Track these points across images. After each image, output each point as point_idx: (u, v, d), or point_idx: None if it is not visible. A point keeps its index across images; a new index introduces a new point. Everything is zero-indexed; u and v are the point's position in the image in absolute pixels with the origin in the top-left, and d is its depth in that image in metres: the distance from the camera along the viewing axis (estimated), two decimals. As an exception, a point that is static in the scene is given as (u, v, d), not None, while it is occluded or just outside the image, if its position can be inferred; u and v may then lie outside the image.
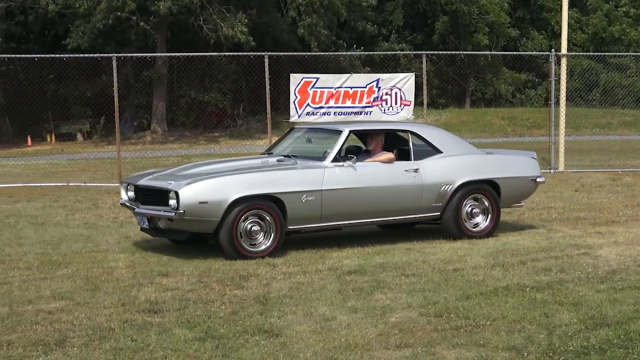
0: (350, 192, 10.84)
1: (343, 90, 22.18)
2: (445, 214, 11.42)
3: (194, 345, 6.79)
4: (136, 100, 42.52)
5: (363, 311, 7.84)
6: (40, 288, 9.15)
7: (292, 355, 6.47)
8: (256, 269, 9.93)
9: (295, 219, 10.62)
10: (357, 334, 7.01)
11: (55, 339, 7.07)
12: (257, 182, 10.56)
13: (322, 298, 8.39)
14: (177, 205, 10.09)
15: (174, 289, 8.96)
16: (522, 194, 12.37)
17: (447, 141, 11.98)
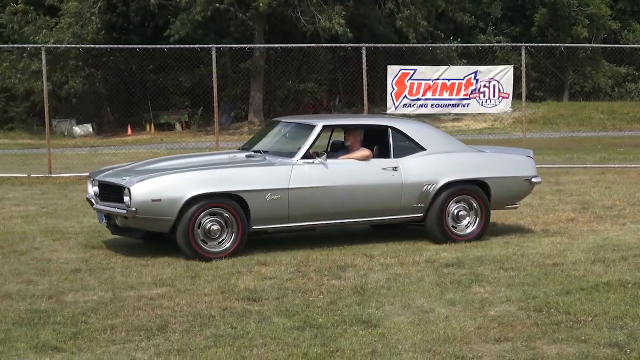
0: (320, 190, 10.33)
1: (440, 82, 22.01)
2: (428, 216, 10.76)
3: (293, 333, 6.82)
4: (234, 91, 42.81)
5: (461, 304, 7.80)
6: (142, 274, 9.33)
7: (390, 346, 6.46)
8: (353, 259, 9.95)
9: (260, 218, 10.14)
10: (456, 327, 6.97)
11: (157, 324, 7.20)
12: (217, 179, 10.12)
13: (419, 290, 8.35)
14: (130, 202, 9.71)
15: (272, 278, 9.04)
16: (516, 195, 11.60)
17: (432, 138, 11.32)
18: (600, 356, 6.15)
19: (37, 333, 6.92)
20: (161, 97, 42.97)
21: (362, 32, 39.45)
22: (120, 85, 40.47)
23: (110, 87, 42.45)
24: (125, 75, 41.86)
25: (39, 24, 40.11)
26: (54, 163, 20.93)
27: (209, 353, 6.36)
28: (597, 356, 6.15)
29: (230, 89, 42.21)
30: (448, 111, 24.57)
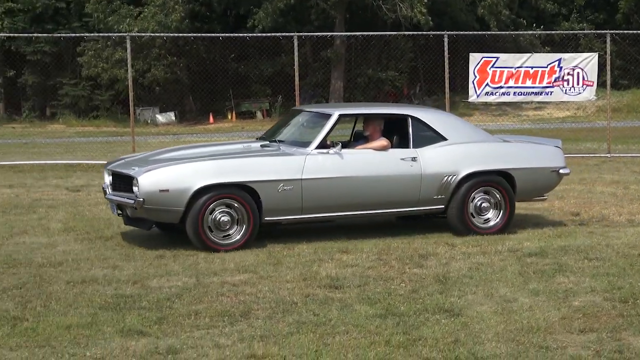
0: (334, 181, 10.13)
1: (523, 70, 21.77)
2: (450, 208, 10.55)
3: (375, 321, 6.84)
4: (314, 79, 42.93)
5: (545, 294, 7.73)
6: (224, 261, 9.41)
7: (473, 335, 6.44)
8: (435, 248, 9.94)
9: (272, 210, 9.94)
10: (539, 317, 6.91)
11: (240, 310, 7.29)
12: (227, 169, 9.97)
13: (502, 279, 8.31)
14: (138, 192, 9.63)
15: (354, 266, 9.06)
16: (543, 187, 11.20)
17: (455, 127, 10.97)
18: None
19: (122, 317, 7.05)
20: (242, 85, 43.25)
21: (443, 20, 39.26)
22: (203, 74, 40.87)
23: (192, 75, 42.86)
24: (207, 64, 42.23)
25: (123, 13, 40.65)
26: (137, 150, 21.20)
27: (291, 339, 6.41)
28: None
29: (311, 77, 42.34)
30: (531, 99, 24.30)
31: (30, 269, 9.15)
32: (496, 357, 5.93)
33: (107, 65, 39.43)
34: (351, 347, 6.20)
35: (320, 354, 6.05)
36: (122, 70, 36.08)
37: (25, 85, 43.75)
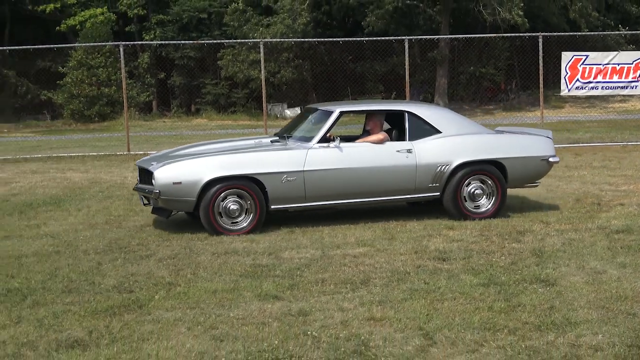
0: (334, 172, 9.89)
1: (610, 67, 21.42)
2: (445, 195, 10.22)
3: (479, 289, 6.85)
4: (421, 77, 42.93)
5: (631, 267, 7.59)
6: (346, 235, 9.52)
7: (567, 302, 6.39)
8: (531, 225, 9.84)
9: (278, 199, 9.80)
10: (627, 287, 6.81)
11: (360, 278, 7.38)
12: (234, 163, 9.81)
13: (592, 253, 8.19)
14: (154, 185, 9.66)
15: (459, 241, 9.05)
16: (534, 174, 10.78)
17: (449, 121, 10.64)
18: None
19: (260, 284, 7.21)
20: (358, 83, 43.50)
21: (536, 23, 38.73)
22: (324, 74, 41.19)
23: (315, 75, 43.24)
24: (328, 65, 42.54)
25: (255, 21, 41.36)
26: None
27: (405, 305, 6.46)
28: None
29: (419, 75, 42.34)
30: (617, 93, 23.79)
31: (181, 242, 9.42)
32: (588, 322, 5.87)
33: (243, 67, 40.06)
34: (458, 312, 6.22)
35: (430, 317, 6.07)
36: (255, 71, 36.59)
37: (173, 86, 44.79)
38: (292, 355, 5.33)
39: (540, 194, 12.35)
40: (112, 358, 5.35)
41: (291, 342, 5.60)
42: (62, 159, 20.47)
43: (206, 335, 5.80)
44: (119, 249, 9.02)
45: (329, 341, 5.61)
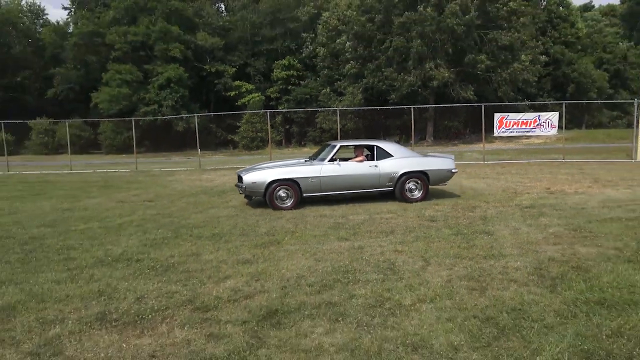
0: (337, 177, 9.77)
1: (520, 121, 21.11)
2: (396, 189, 10.07)
3: (452, 237, 6.77)
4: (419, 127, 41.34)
5: (534, 226, 7.32)
6: (382, 208, 9.33)
7: (500, 244, 6.27)
8: (479, 203, 9.58)
9: (307, 190, 9.65)
10: (532, 237, 6.60)
11: (389, 230, 7.33)
12: (283, 172, 9.67)
13: (512, 218, 7.97)
14: (242, 183, 9.70)
15: (441, 211, 8.85)
16: (443, 179, 10.54)
17: (398, 150, 10.39)
18: (610, 254, 5.87)
19: (338, 232, 7.24)
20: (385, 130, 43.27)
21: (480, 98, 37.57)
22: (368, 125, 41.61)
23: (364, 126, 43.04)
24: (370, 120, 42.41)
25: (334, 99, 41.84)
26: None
27: (413, 244, 6.44)
28: (607, 254, 5.88)
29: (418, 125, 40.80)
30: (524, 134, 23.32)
31: (298, 211, 9.34)
32: (512, 255, 5.74)
33: (328, 122, 41.34)
34: (441, 248, 6.17)
35: (427, 251, 6.05)
36: (334, 124, 36.78)
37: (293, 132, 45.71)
38: (355, 269, 5.37)
39: (484, 187, 12.19)
40: (264, 269, 5.52)
41: (354, 262, 5.65)
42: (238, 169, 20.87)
43: (311, 258, 5.89)
44: (267, 214, 9.13)
45: (373, 262, 5.64)
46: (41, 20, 55.70)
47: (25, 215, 9.57)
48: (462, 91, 36.51)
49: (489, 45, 36.80)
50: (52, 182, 16.78)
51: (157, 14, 43.01)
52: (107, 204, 11.03)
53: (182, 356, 3.54)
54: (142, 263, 5.86)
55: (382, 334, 3.81)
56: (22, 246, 6.85)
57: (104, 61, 44.70)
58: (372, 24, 38.06)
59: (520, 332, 3.80)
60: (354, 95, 40.06)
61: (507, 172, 16.22)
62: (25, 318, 4.24)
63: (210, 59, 46.33)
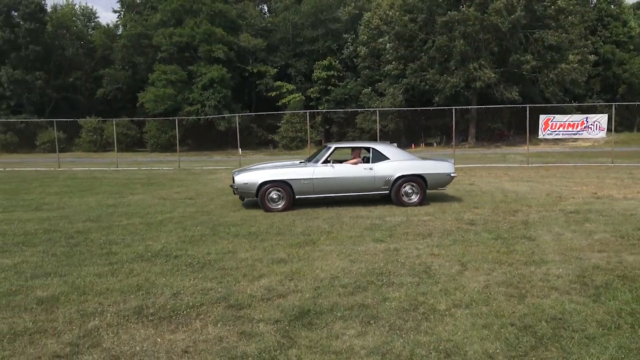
0: (329, 179, 9.54)
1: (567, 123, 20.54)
2: (392, 192, 9.74)
3: (491, 241, 6.59)
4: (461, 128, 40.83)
5: (579, 232, 7.07)
6: (420, 210, 9.19)
7: (541, 250, 6.07)
8: (521, 207, 9.31)
9: (299, 192, 9.49)
10: (576, 243, 6.36)
11: (427, 233, 7.23)
12: (276, 173, 9.54)
13: (556, 224, 7.67)
14: (235, 183, 9.63)
15: (480, 215, 8.67)
16: (442, 183, 10.12)
17: (394, 153, 10.04)
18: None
19: (373, 233, 7.18)
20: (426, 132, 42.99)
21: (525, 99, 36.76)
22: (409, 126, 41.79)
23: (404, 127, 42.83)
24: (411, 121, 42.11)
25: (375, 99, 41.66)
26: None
27: (450, 247, 6.29)
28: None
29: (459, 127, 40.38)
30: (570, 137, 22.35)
31: (334, 211, 9.35)
32: (553, 262, 5.55)
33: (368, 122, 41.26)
34: (479, 253, 6.02)
35: (464, 255, 5.91)
36: (374, 124, 36.68)
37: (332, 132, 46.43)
38: (389, 271, 5.30)
39: (527, 191, 11.85)
40: (298, 268, 5.50)
41: (390, 264, 5.58)
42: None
43: (346, 259, 5.85)
44: (304, 214, 9.13)
45: (409, 265, 5.55)
46: (93, 23, 57.79)
47: (72, 210, 9.92)
48: (507, 92, 35.71)
49: (535, 45, 35.77)
50: (99, 179, 17.36)
51: (202, 16, 43.86)
52: (149, 200, 11.32)
53: (214, 353, 3.57)
54: (180, 259, 5.96)
55: (415, 339, 3.73)
56: (67, 240, 7.09)
57: (151, 62, 45.98)
58: (415, 24, 37.63)
59: (560, 342, 3.65)
60: (395, 95, 39.82)
61: (551, 175, 15.73)
62: (67, 309, 4.37)
63: (253, 59, 46.92)
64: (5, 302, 4.56)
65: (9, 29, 45.89)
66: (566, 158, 23.74)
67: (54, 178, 17.91)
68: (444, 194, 11.34)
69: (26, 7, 46.22)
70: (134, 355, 3.54)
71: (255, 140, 45.14)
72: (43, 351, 3.61)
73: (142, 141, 45.42)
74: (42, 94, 47.69)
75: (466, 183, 13.77)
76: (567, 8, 35.44)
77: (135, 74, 49.48)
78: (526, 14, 34.79)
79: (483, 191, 11.90)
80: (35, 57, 47.00)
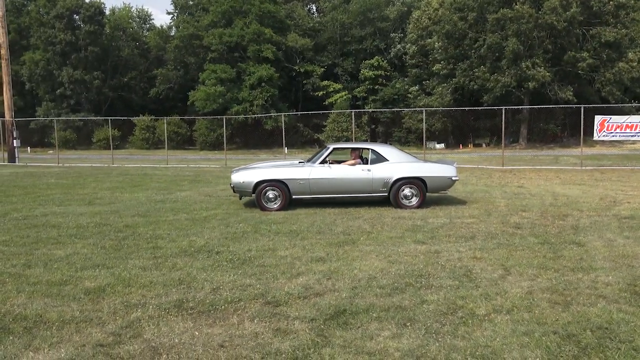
0: (326, 180, 9.41)
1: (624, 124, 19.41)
2: (390, 195, 9.50)
3: (538, 246, 6.42)
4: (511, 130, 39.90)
5: (632, 238, 6.74)
6: (463, 212, 9.06)
7: (590, 256, 5.84)
8: (572, 212, 8.97)
9: (295, 192, 9.41)
10: (629, 250, 6.08)
11: (470, 235, 7.10)
12: (272, 173, 9.45)
13: (608, 229, 7.38)
14: (232, 182, 9.59)
15: (527, 218, 8.43)
16: (443, 186, 9.81)
17: (394, 154, 9.79)
18: None
19: (415, 234, 7.07)
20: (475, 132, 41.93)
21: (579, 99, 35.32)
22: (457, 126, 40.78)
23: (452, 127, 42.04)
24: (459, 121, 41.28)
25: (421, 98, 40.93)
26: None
27: (494, 251, 6.16)
28: None
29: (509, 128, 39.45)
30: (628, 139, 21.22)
31: (375, 211, 9.27)
32: (603, 269, 5.35)
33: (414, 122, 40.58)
34: (524, 257, 5.85)
35: (508, 259, 5.77)
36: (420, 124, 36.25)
37: (379, 131, 45.65)
38: (429, 274, 5.23)
39: (578, 194, 11.41)
40: (337, 267, 5.49)
41: (430, 266, 5.51)
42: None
43: (385, 260, 5.81)
44: (345, 213, 9.11)
45: (450, 267, 5.46)
46: (147, 25, 59.77)
47: (122, 205, 10.30)
48: (561, 91, 34.37)
49: (592, 42, 34.27)
50: (149, 175, 17.95)
51: (251, 16, 44.57)
52: (195, 197, 11.60)
53: (249, 348, 3.62)
54: (221, 255, 6.08)
55: (451, 343, 3.66)
56: (116, 233, 7.37)
57: (201, 62, 47.14)
58: (465, 22, 36.85)
59: (604, 352, 3.49)
60: (443, 95, 39.13)
61: (606, 178, 15.05)
62: (112, 300, 4.55)
63: (300, 59, 47.31)
64: (56, 291, 4.78)
65: (70, 31, 48.11)
66: (623, 161, 22.65)
67: (107, 174, 18.66)
68: (491, 195, 11.06)
69: (86, 11, 48.35)
70: (172, 347, 3.63)
71: (301, 139, 45.47)
72: (87, 340, 3.76)
73: (191, 139, 46.66)
74: (99, 93, 49.77)
75: (515, 185, 13.39)
76: (628, 3, 33.74)
77: (187, 73, 50.87)
78: (583, 10, 33.37)
79: (532, 194, 11.53)
80: (94, 58, 49.11)
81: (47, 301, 4.51)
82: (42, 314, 4.20)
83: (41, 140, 48.91)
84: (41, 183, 15.11)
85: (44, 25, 48.24)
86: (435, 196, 10.94)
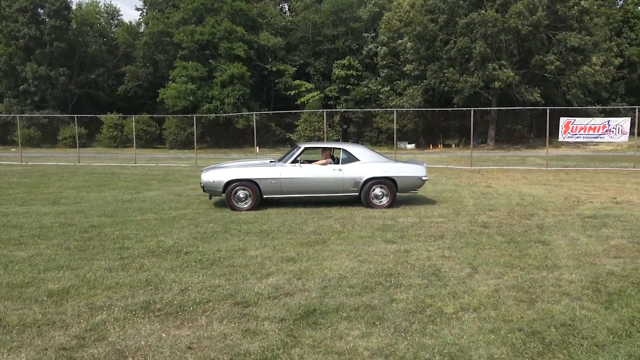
0: (297, 179, 9.42)
1: (588, 126, 19.91)
2: (361, 194, 9.56)
3: (504, 244, 6.53)
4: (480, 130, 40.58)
5: (594, 237, 6.93)
6: (433, 211, 9.15)
7: (555, 255, 5.94)
8: (537, 211, 9.16)
9: (266, 192, 9.38)
10: (591, 248, 6.23)
11: (438, 235, 7.16)
12: (242, 172, 9.42)
13: (571, 228, 7.51)
14: (201, 181, 9.59)
15: (495, 217, 8.56)
16: (413, 186, 9.89)
17: (365, 154, 9.87)
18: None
19: (385, 234, 7.14)
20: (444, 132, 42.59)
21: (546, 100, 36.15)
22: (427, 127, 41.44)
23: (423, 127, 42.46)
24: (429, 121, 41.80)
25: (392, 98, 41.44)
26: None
27: (462, 250, 6.19)
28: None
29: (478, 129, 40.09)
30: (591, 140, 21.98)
31: (346, 210, 9.29)
32: (567, 267, 5.46)
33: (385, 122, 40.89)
34: (491, 256, 5.94)
35: (476, 258, 5.84)
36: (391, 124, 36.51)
37: (350, 132, 45.91)
38: (398, 273, 5.26)
39: (544, 194, 11.68)
40: (307, 267, 5.48)
41: (399, 266, 5.54)
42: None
43: (355, 259, 5.82)
44: (316, 213, 9.14)
45: (418, 266, 5.50)
46: (116, 21, 58.53)
47: (88, 205, 10.05)
48: (528, 93, 35.15)
49: (558, 46, 35.17)
50: (117, 174, 17.58)
51: (223, 14, 44.16)
52: (164, 196, 11.42)
53: (218, 350, 3.58)
54: (190, 255, 6.00)
55: (420, 342, 3.69)
56: (81, 234, 7.19)
57: (171, 60, 46.45)
58: (435, 24, 37.32)
59: (568, 349, 3.57)
60: (413, 96, 39.56)
61: (570, 179, 15.47)
62: (76, 302, 4.43)
63: (272, 58, 47.11)
64: (17, 294, 4.64)
65: (35, 25, 46.74)
66: (587, 162, 23.33)
67: (73, 173, 18.19)
68: (460, 195, 11.20)
69: (52, 5, 47.03)
70: (138, 349, 3.56)
71: (272, 138, 45.32)
72: (50, 343, 3.65)
73: (161, 138, 45.94)
74: (65, 90, 48.51)
75: (483, 185, 13.62)
76: (591, 9, 34.76)
77: (156, 71, 50.04)
78: (548, 15, 34.21)
79: (499, 194, 11.75)
80: (59, 54, 47.83)
81: (7, 304, 4.36)
82: (2, 317, 4.06)
83: (3, 138, 47.41)
84: (2, 182, 14.63)
85: (6, 18, 46.70)
86: (406, 196, 11.03)
